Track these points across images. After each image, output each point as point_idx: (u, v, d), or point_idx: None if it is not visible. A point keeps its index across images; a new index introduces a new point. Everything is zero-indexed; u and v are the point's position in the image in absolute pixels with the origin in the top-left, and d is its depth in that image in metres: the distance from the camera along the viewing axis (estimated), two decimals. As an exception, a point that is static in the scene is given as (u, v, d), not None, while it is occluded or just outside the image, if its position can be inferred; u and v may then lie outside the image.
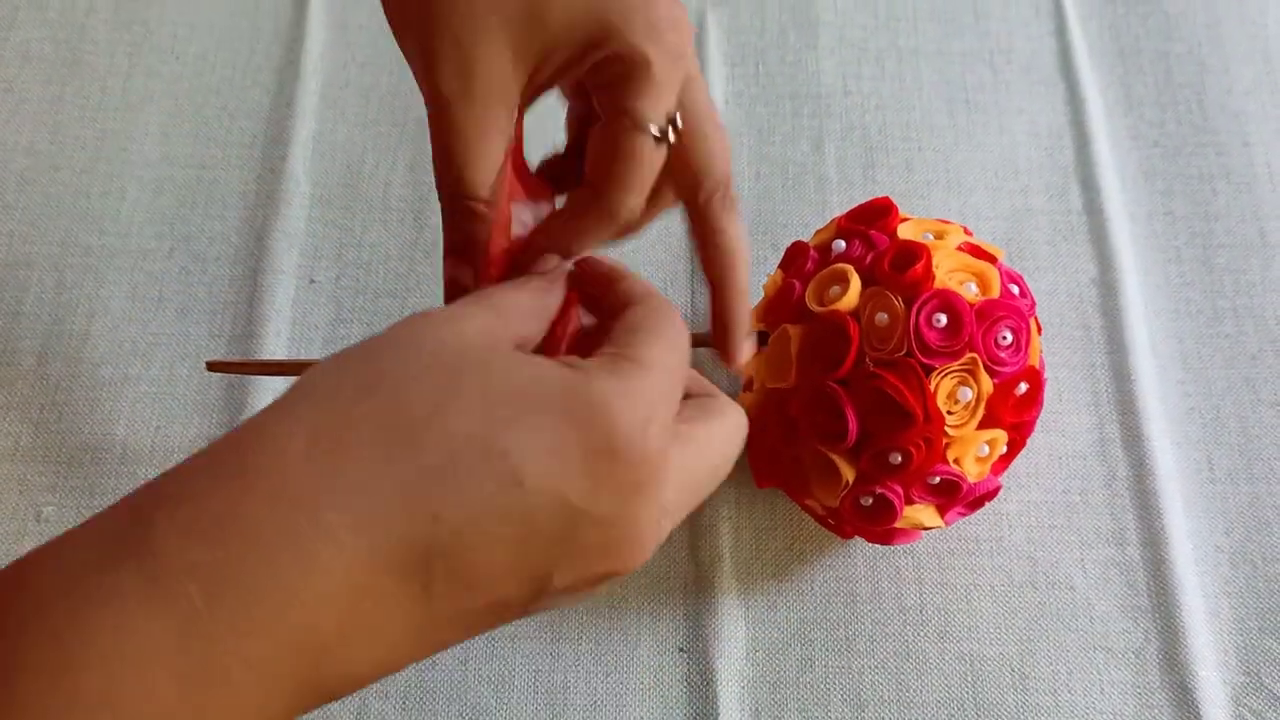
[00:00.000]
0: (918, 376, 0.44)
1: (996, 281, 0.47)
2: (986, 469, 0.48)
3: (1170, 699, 0.50)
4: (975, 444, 0.46)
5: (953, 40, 0.66)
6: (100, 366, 0.57)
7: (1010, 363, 0.46)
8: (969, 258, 0.48)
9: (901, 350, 0.45)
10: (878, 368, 0.45)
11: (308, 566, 0.24)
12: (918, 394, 0.44)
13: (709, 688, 0.50)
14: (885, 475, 0.46)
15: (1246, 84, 0.65)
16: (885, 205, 0.50)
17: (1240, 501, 0.54)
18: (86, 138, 0.63)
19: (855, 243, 0.48)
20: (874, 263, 0.47)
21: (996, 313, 0.46)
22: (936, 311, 0.45)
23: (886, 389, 0.44)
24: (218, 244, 0.60)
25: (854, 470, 0.46)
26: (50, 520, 0.53)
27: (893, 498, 0.46)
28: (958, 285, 0.46)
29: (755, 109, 0.64)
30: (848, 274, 0.47)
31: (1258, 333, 0.58)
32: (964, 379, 0.45)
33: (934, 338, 0.45)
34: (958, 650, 0.51)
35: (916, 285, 0.45)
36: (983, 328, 0.45)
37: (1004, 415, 0.46)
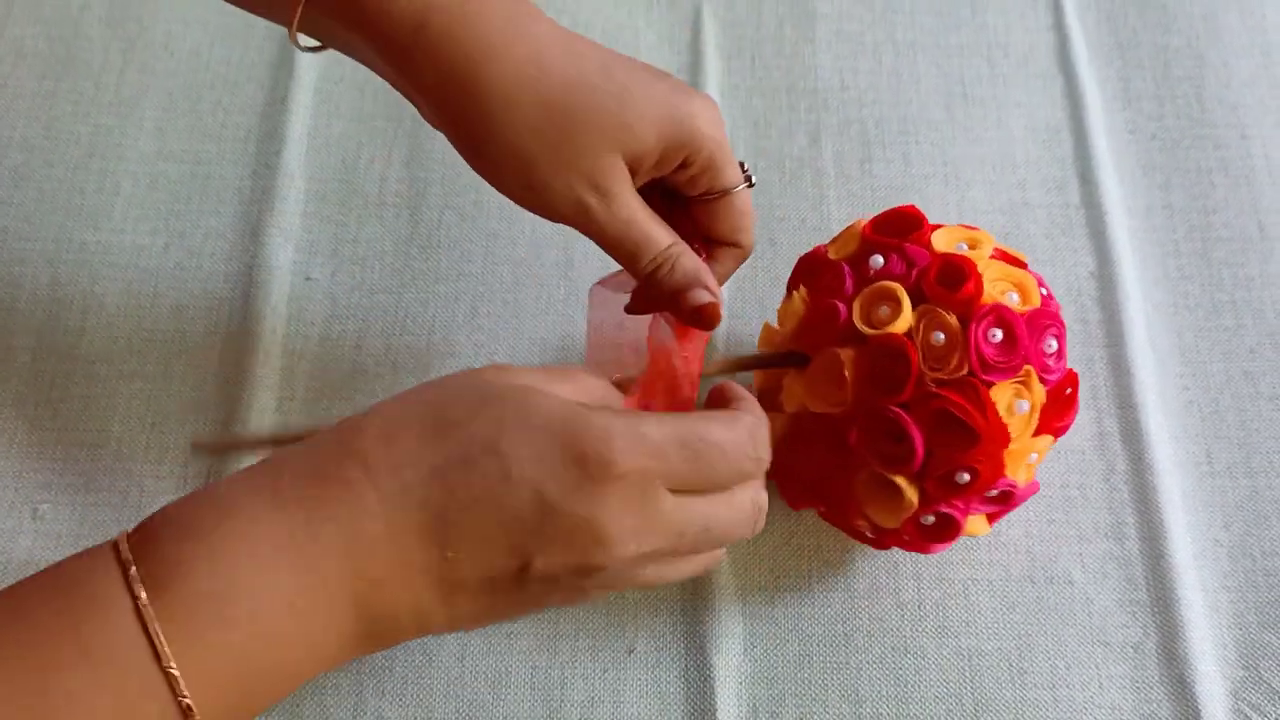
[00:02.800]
0: (980, 394, 0.44)
1: (1035, 289, 0.47)
2: (1032, 474, 0.48)
3: (1169, 693, 0.50)
4: (1028, 453, 0.46)
5: (950, 34, 0.66)
6: (95, 363, 0.57)
7: (1056, 370, 0.46)
8: (1007, 266, 0.47)
9: (962, 369, 0.44)
10: (939, 388, 0.44)
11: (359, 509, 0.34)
12: (982, 412, 0.44)
13: (707, 683, 0.50)
14: (951, 494, 0.45)
15: (1245, 77, 0.64)
16: (914, 215, 0.49)
17: (1239, 495, 0.54)
18: (80, 133, 0.63)
19: (894, 258, 0.47)
20: (919, 279, 0.46)
21: (1043, 322, 0.46)
22: (992, 327, 0.45)
23: (952, 409, 0.44)
24: (212, 240, 0.60)
25: (917, 492, 0.45)
26: (46, 518, 0.53)
27: (956, 515, 0.46)
28: (1000, 295, 0.46)
29: (751, 102, 0.64)
30: (897, 293, 0.46)
31: (1256, 326, 0.58)
32: (1019, 391, 0.45)
33: (992, 354, 0.44)
34: (956, 645, 0.51)
35: (969, 302, 0.45)
36: (1034, 339, 0.45)
37: (1053, 420, 0.47)
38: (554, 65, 0.41)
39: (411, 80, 0.42)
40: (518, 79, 0.40)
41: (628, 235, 0.43)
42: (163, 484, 0.54)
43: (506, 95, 0.40)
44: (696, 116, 0.42)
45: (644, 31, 0.66)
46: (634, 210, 0.42)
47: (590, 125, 0.41)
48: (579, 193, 0.41)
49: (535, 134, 0.41)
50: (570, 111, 0.41)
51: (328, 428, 0.37)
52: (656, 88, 0.42)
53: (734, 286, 0.59)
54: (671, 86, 0.43)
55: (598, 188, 0.41)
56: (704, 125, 0.43)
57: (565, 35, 0.42)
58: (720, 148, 0.44)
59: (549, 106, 0.41)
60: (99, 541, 0.52)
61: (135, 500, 0.54)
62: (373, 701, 0.49)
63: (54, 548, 0.53)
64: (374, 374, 0.57)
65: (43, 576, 0.35)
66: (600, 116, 0.41)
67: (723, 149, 0.44)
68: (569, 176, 0.41)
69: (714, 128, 0.43)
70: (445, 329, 0.58)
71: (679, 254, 0.44)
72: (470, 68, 0.40)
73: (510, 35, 0.41)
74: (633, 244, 0.43)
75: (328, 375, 0.57)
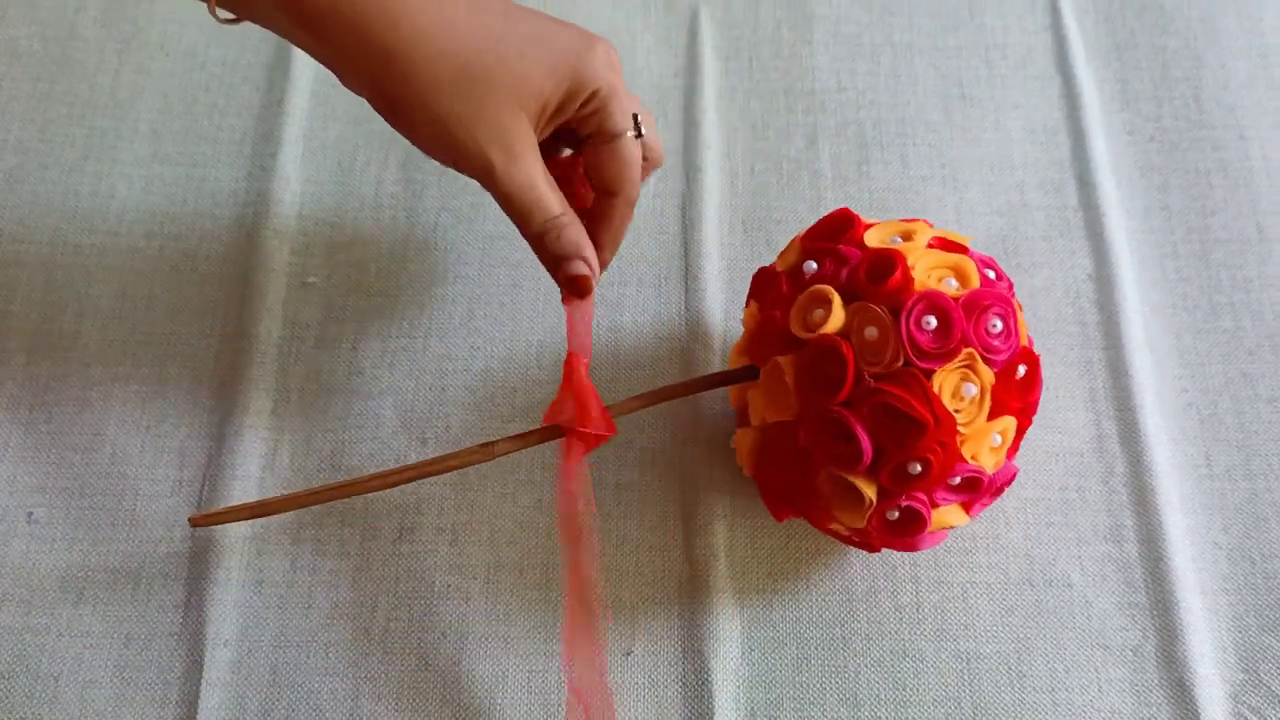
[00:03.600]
0: (920, 383, 0.44)
1: (974, 272, 0.46)
2: (1001, 457, 0.47)
3: (1168, 697, 0.49)
4: (988, 436, 0.46)
5: (947, 35, 0.66)
6: (90, 366, 0.57)
7: (1005, 349, 0.45)
8: (942, 253, 0.47)
9: (898, 361, 0.44)
10: (878, 383, 0.44)
11: None
12: (924, 401, 0.44)
13: (704, 687, 0.50)
14: (907, 486, 0.45)
15: (1242, 78, 0.64)
16: (846, 217, 0.50)
17: (1238, 498, 0.54)
18: (75, 135, 0.63)
19: (826, 261, 0.48)
20: (850, 278, 0.47)
21: (982, 303, 0.45)
22: (925, 315, 0.44)
23: (893, 402, 0.44)
24: (208, 242, 0.60)
25: (874, 488, 0.45)
26: (40, 521, 0.53)
27: (919, 507, 0.46)
28: (937, 283, 0.46)
29: (749, 104, 0.64)
30: (828, 295, 0.46)
31: (1255, 328, 0.58)
32: (965, 375, 0.45)
33: (927, 341, 0.44)
34: (954, 649, 0.51)
35: (899, 292, 0.45)
36: (972, 321, 0.45)
37: (1009, 401, 0.46)
38: (460, 27, 0.44)
39: (328, 47, 0.44)
40: (430, 42, 0.43)
41: (523, 197, 0.45)
42: (158, 487, 0.54)
43: (419, 59, 0.43)
44: (592, 59, 0.45)
45: (641, 34, 0.66)
46: (534, 174, 0.45)
47: (496, 83, 0.44)
48: (486, 150, 0.44)
49: (448, 95, 0.43)
50: (477, 72, 0.43)
51: None
52: (558, 36, 0.45)
53: (731, 290, 0.59)
54: (573, 34, 0.46)
55: (505, 147, 0.44)
56: (599, 68, 0.45)
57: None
58: (612, 90, 0.46)
59: (458, 69, 0.43)
60: (92, 548, 0.52)
61: (130, 504, 0.53)
62: (368, 706, 0.49)
63: (48, 552, 0.52)
64: (370, 376, 0.57)
65: None
66: (505, 75, 0.44)
67: (614, 91, 0.46)
68: (478, 133, 0.44)
69: (608, 70, 0.46)
70: (442, 331, 0.58)
71: (566, 224, 0.46)
72: (383, 33, 0.43)
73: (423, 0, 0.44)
74: (526, 206, 0.46)
75: (324, 378, 0.56)
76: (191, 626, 0.51)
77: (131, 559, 0.52)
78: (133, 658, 0.51)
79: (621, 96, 0.47)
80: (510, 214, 0.46)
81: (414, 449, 0.55)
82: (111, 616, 0.51)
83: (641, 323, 0.58)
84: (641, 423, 0.55)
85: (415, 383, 0.56)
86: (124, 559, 0.52)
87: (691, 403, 0.56)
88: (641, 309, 0.58)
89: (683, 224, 0.60)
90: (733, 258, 0.60)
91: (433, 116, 0.44)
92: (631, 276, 0.59)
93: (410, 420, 0.56)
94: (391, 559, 0.53)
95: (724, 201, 0.61)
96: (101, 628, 0.51)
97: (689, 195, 0.61)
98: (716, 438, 0.55)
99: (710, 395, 0.56)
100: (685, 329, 0.58)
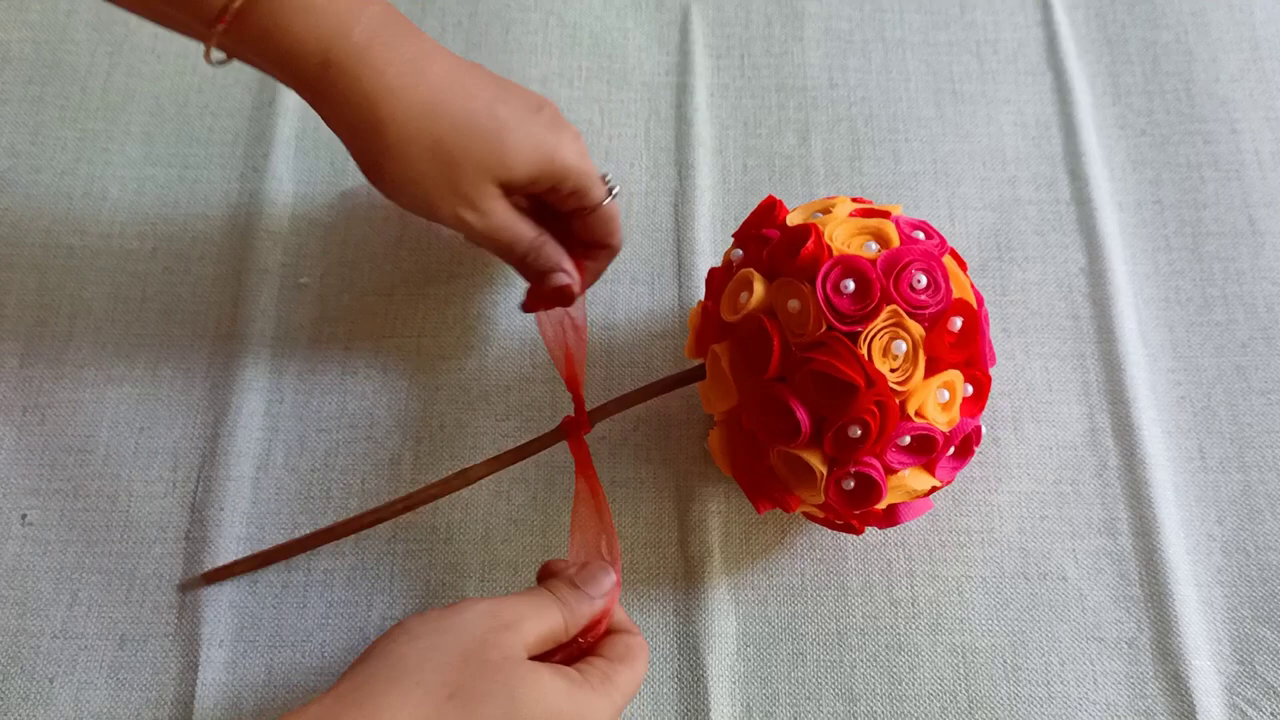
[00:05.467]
0: (846, 346, 0.44)
1: (894, 233, 0.47)
2: (955, 414, 0.47)
3: (1163, 689, 0.49)
4: (930, 392, 0.45)
5: (939, 31, 0.66)
6: (83, 368, 0.57)
7: (932, 303, 0.45)
8: (862, 220, 0.47)
9: (821, 328, 0.44)
10: (806, 352, 0.45)
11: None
12: (852, 363, 0.44)
13: (700, 683, 0.50)
14: (853, 452, 0.45)
15: (1233, 71, 0.64)
16: (769, 204, 0.50)
17: (1232, 490, 0.54)
18: (68, 139, 0.63)
19: (750, 246, 0.49)
20: (770, 257, 0.47)
21: (902, 260, 0.45)
22: (842, 279, 0.45)
23: (822, 369, 0.44)
24: (201, 244, 0.60)
25: (821, 458, 0.46)
26: (34, 524, 0.53)
27: (870, 471, 0.45)
28: (860, 249, 0.46)
29: (741, 101, 0.64)
30: (750, 277, 0.47)
31: (1248, 320, 0.58)
32: (894, 333, 0.45)
33: (846, 305, 0.45)
34: (949, 642, 0.51)
35: (814, 262, 0.45)
36: (892, 279, 0.45)
37: (947, 356, 0.46)
38: (445, 107, 0.47)
39: (318, 105, 0.48)
40: (415, 120, 0.47)
41: (500, 237, 0.50)
42: (151, 489, 0.54)
43: (404, 133, 0.47)
44: (563, 152, 0.50)
45: (633, 32, 0.66)
46: (503, 218, 0.50)
47: (473, 160, 0.48)
48: (460, 212, 0.49)
49: (427, 166, 0.48)
50: (457, 149, 0.48)
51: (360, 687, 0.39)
52: (533, 123, 0.49)
53: (724, 285, 0.59)
54: (546, 122, 0.50)
55: (475, 207, 0.49)
56: (569, 158, 0.50)
57: (460, 73, 0.49)
58: (584, 175, 0.51)
59: (439, 144, 0.47)
60: (86, 549, 0.52)
61: (124, 505, 0.53)
62: None
63: (42, 554, 0.52)
64: (364, 376, 0.56)
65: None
66: (482, 154, 0.48)
67: (586, 176, 0.51)
68: (453, 200, 0.49)
69: (578, 159, 0.51)
70: (435, 330, 0.58)
71: (542, 244, 0.51)
72: (372, 107, 0.47)
73: (409, 78, 0.47)
74: (505, 242, 0.51)
75: (317, 378, 0.56)
76: (186, 627, 0.51)
77: (126, 560, 0.52)
78: (127, 659, 0.50)
79: (592, 173, 0.51)
80: (494, 252, 0.52)
81: (408, 448, 0.55)
82: (106, 618, 0.51)
83: (635, 320, 0.58)
84: (635, 420, 0.55)
85: (409, 382, 0.56)
86: (118, 560, 0.52)
87: (684, 399, 0.56)
88: (635, 306, 0.58)
89: (676, 221, 0.60)
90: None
91: (412, 183, 0.48)
92: (625, 274, 0.59)
93: (404, 420, 0.55)
94: (386, 558, 0.52)
95: (717, 199, 0.61)
96: (96, 629, 0.51)
97: (682, 192, 0.61)
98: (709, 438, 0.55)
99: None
100: (679, 326, 0.58)
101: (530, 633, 0.42)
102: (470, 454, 0.55)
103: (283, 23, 0.45)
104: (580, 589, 0.45)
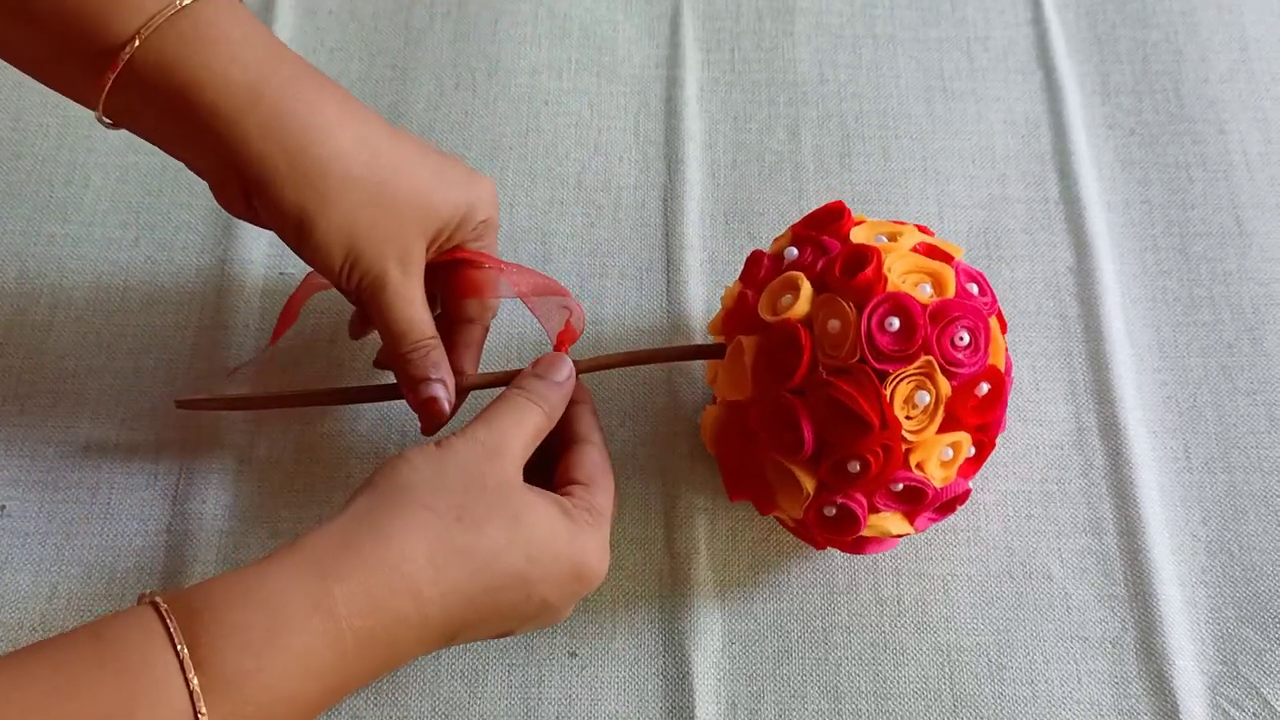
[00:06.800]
0: (872, 383, 0.43)
1: (952, 281, 0.46)
2: (953, 473, 0.47)
3: (1147, 688, 0.50)
4: (938, 448, 0.46)
5: (929, 28, 0.66)
6: (64, 358, 0.56)
7: (968, 364, 0.45)
8: (923, 259, 0.47)
9: (854, 357, 0.44)
10: (831, 375, 0.44)
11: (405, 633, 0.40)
12: (873, 401, 0.43)
13: (685, 681, 0.50)
14: (845, 484, 0.45)
15: (1222, 72, 0.64)
16: (838, 209, 0.49)
17: (1217, 490, 0.54)
18: (49, 125, 0.62)
19: (807, 249, 0.48)
20: (825, 269, 0.46)
21: (951, 313, 0.44)
22: (888, 315, 0.44)
23: (841, 397, 0.43)
24: (184, 233, 0.59)
25: (814, 480, 0.45)
26: (13, 515, 0.52)
27: (855, 507, 0.45)
28: (912, 287, 0.45)
29: (731, 96, 0.64)
30: (798, 281, 0.46)
31: (1234, 321, 0.58)
32: (921, 383, 0.44)
33: (886, 342, 0.44)
34: (935, 641, 0.51)
35: (868, 289, 0.44)
36: (937, 329, 0.44)
37: (965, 417, 0.46)
38: (382, 147, 0.45)
39: (240, 151, 0.43)
40: (351, 162, 0.44)
41: (403, 314, 0.47)
42: (133, 480, 0.53)
43: (343, 174, 0.44)
44: (482, 193, 0.49)
45: (623, 25, 0.66)
46: (417, 297, 0.47)
47: (410, 206, 0.46)
48: (387, 265, 0.46)
49: (364, 211, 0.45)
50: (395, 194, 0.45)
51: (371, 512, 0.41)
52: (455, 171, 0.48)
53: (713, 282, 0.58)
54: (464, 171, 0.49)
55: (402, 263, 0.46)
56: (487, 201, 0.49)
57: (383, 121, 0.47)
58: (493, 221, 0.50)
59: (380, 186, 0.45)
60: (66, 542, 0.52)
61: (104, 498, 0.53)
62: (347, 700, 0.49)
63: (22, 546, 0.52)
64: (349, 369, 0.56)
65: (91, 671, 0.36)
66: (418, 199, 0.46)
67: (494, 223, 0.50)
68: (384, 249, 0.46)
69: (493, 206, 0.49)
70: (421, 323, 0.57)
71: (431, 348, 0.48)
72: (306, 144, 0.44)
73: (344, 115, 0.45)
74: (404, 324, 0.47)
75: (302, 370, 0.56)
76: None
77: (106, 553, 0.52)
78: (107, 653, 0.50)
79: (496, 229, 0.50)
80: (386, 329, 0.47)
81: (393, 442, 0.54)
82: (86, 611, 0.51)
83: (623, 315, 0.58)
84: (623, 415, 0.55)
85: (394, 375, 0.56)
86: (98, 553, 0.52)
87: (672, 395, 0.55)
88: (623, 301, 0.58)
89: (664, 216, 0.60)
90: (714, 250, 0.59)
91: (341, 227, 0.44)
92: (613, 269, 0.59)
93: (389, 413, 0.55)
94: (370, 552, 0.52)
95: (706, 194, 0.61)
96: (76, 623, 0.50)
97: (670, 187, 0.61)
98: (698, 432, 0.54)
99: (691, 389, 0.56)
100: (667, 321, 0.58)
101: (517, 448, 0.44)
102: (456, 448, 0.54)
103: (200, 53, 0.42)
104: (546, 378, 0.47)
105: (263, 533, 0.52)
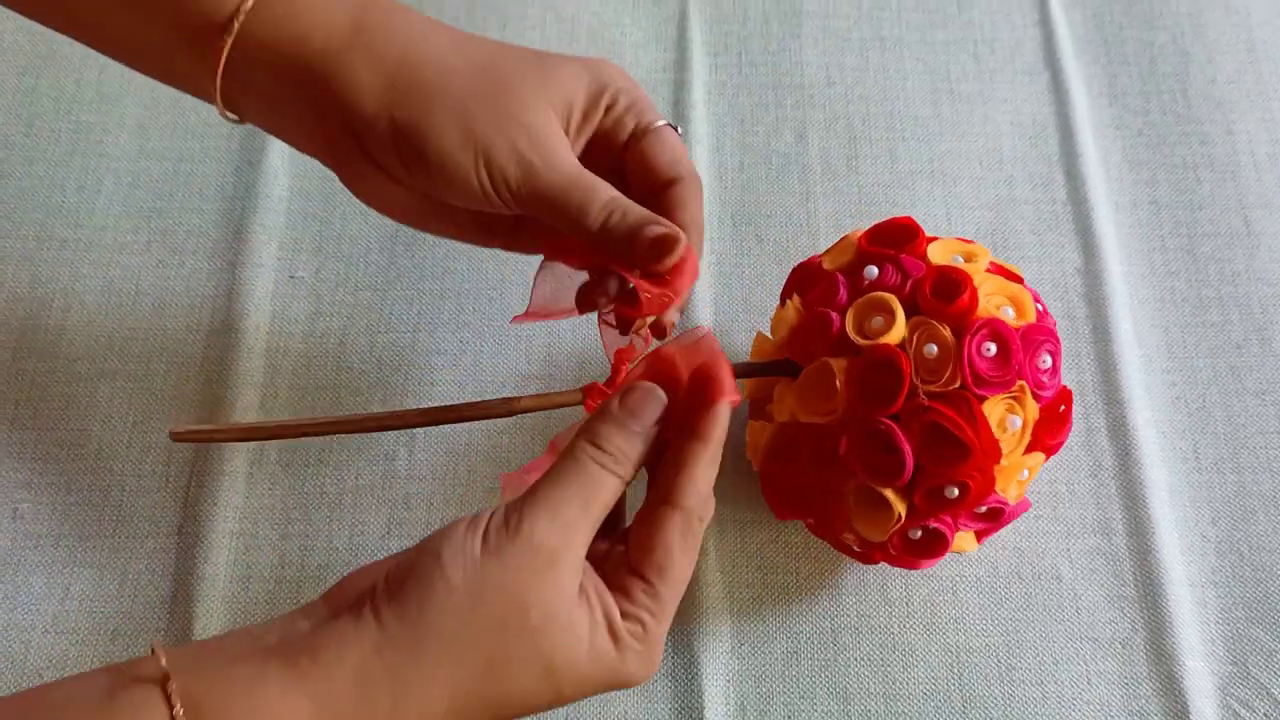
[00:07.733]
0: (971, 408, 0.44)
1: (1030, 304, 0.47)
2: (1023, 491, 0.48)
3: (1157, 689, 0.49)
4: (1019, 470, 0.46)
5: (936, 30, 0.66)
6: (76, 362, 0.56)
7: (1050, 386, 0.46)
8: (1003, 281, 0.47)
9: (955, 382, 0.44)
10: (931, 401, 0.44)
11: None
12: (974, 426, 0.43)
13: (694, 682, 0.50)
14: (940, 509, 0.45)
15: (1229, 73, 0.64)
16: (910, 227, 0.49)
17: (1226, 490, 0.54)
18: (61, 130, 0.62)
19: (888, 269, 0.47)
20: (914, 291, 0.46)
21: (1037, 338, 0.45)
22: (986, 341, 0.44)
23: (943, 422, 0.43)
24: (195, 237, 0.60)
25: (906, 505, 0.45)
26: (25, 517, 0.53)
27: (945, 530, 0.46)
28: (996, 310, 0.45)
29: (738, 99, 0.64)
30: (891, 304, 0.45)
31: (1243, 321, 0.58)
32: (1012, 406, 0.45)
33: (985, 368, 0.44)
34: (944, 642, 0.51)
35: (964, 315, 0.45)
36: (1028, 354, 0.45)
37: (1045, 438, 0.46)
38: (475, 44, 0.44)
39: (344, 81, 0.42)
40: (450, 52, 0.43)
41: (576, 185, 0.42)
42: (144, 483, 0.54)
43: (442, 64, 0.42)
44: (607, 66, 0.45)
45: (630, 28, 0.66)
46: (578, 165, 0.43)
47: (520, 81, 0.43)
48: (522, 150, 0.42)
49: (473, 94, 0.42)
50: (500, 72, 0.43)
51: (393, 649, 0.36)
52: (564, 56, 0.45)
53: (720, 284, 0.59)
54: (576, 57, 0.45)
55: (538, 145, 0.42)
56: (615, 73, 0.45)
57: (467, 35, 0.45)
58: (638, 88, 0.45)
59: (482, 70, 0.43)
60: (78, 544, 0.52)
61: (116, 500, 0.53)
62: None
63: (34, 548, 0.52)
64: (358, 371, 0.56)
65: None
66: (527, 75, 0.43)
67: (640, 89, 0.46)
68: (511, 133, 0.41)
69: (626, 76, 0.45)
70: (430, 326, 0.57)
71: (627, 200, 0.42)
72: (407, 50, 0.43)
73: (434, 26, 0.44)
74: (582, 194, 0.42)
75: (311, 372, 0.56)
76: (179, 623, 0.51)
77: (118, 555, 0.52)
78: (119, 654, 0.50)
79: (645, 93, 0.46)
80: (562, 214, 0.42)
81: (403, 445, 0.55)
82: (98, 613, 0.51)
83: (631, 317, 0.58)
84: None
85: (404, 378, 0.56)
86: (110, 555, 0.52)
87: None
88: (631, 303, 0.58)
89: (672, 218, 0.60)
90: (721, 252, 0.60)
91: (460, 121, 0.41)
92: (620, 271, 0.59)
93: (399, 415, 0.55)
94: (379, 554, 0.52)
95: (713, 196, 0.61)
96: (88, 624, 0.51)
97: (678, 190, 0.61)
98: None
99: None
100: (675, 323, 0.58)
101: (579, 544, 0.37)
102: (466, 451, 0.54)
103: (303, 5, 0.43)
104: (627, 426, 0.38)
105: (273, 535, 0.53)
